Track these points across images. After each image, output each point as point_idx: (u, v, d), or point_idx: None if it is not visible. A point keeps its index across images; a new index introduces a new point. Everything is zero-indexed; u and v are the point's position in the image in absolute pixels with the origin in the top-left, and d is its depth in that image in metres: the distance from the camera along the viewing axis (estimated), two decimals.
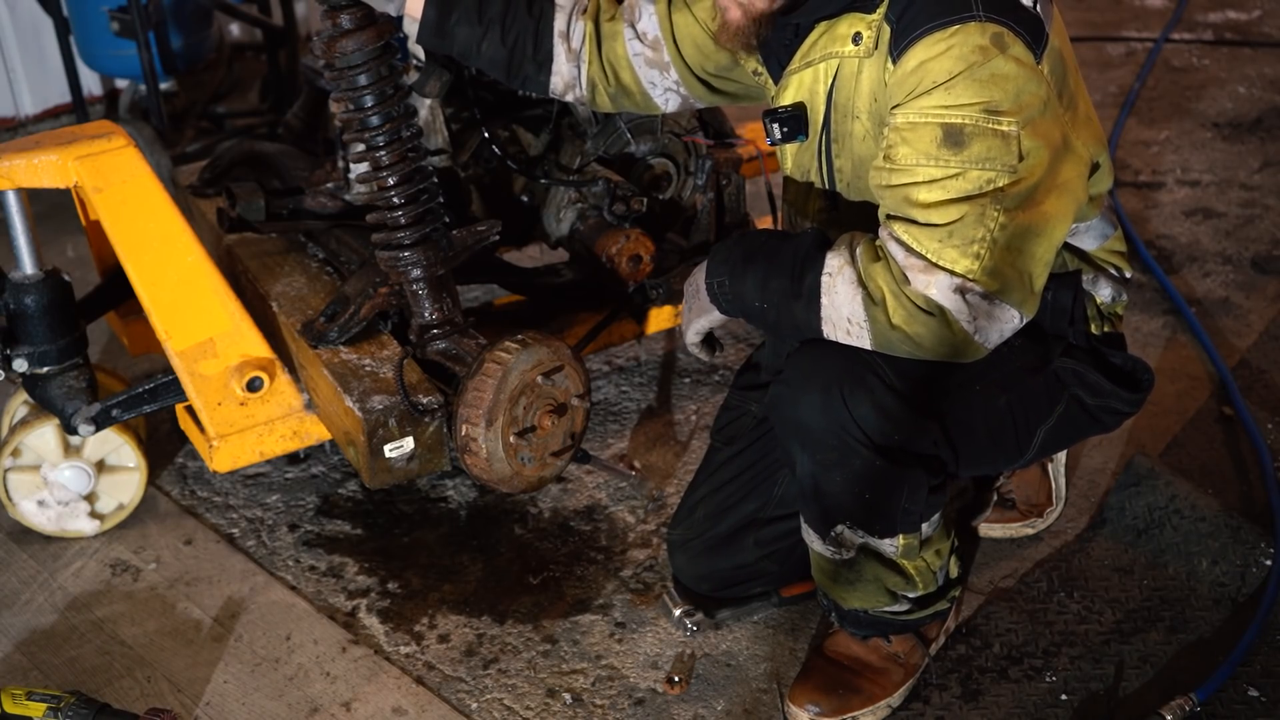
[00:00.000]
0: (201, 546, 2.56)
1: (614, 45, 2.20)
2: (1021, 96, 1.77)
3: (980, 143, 1.76)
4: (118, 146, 2.25)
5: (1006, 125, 1.76)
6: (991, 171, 1.77)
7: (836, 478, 1.95)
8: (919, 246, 1.79)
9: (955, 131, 1.76)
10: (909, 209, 1.80)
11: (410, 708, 2.19)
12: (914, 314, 1.80)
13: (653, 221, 2.80)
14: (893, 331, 1.83)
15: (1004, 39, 1.77)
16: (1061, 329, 2.07)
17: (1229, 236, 3.56)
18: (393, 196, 2.31)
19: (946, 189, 1.77)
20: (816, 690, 2.12)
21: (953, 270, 1.78)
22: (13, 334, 2.37)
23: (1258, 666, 2.17)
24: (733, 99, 2.25)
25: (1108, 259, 2.11)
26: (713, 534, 2.28)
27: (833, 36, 1.91)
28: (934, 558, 2.07)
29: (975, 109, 1.76)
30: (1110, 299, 2.12)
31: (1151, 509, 2.50)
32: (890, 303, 1.81)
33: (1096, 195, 2.03)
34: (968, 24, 1.76)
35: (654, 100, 2.25)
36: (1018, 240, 1.80)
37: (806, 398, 1.92)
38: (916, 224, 1.80)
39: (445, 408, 2.29)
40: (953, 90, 1.76)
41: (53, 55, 4.09)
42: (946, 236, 1.78)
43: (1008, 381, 2.02)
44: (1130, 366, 2.13)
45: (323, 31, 2.25)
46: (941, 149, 1.77)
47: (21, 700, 2.01)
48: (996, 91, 1.76)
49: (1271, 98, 4.43)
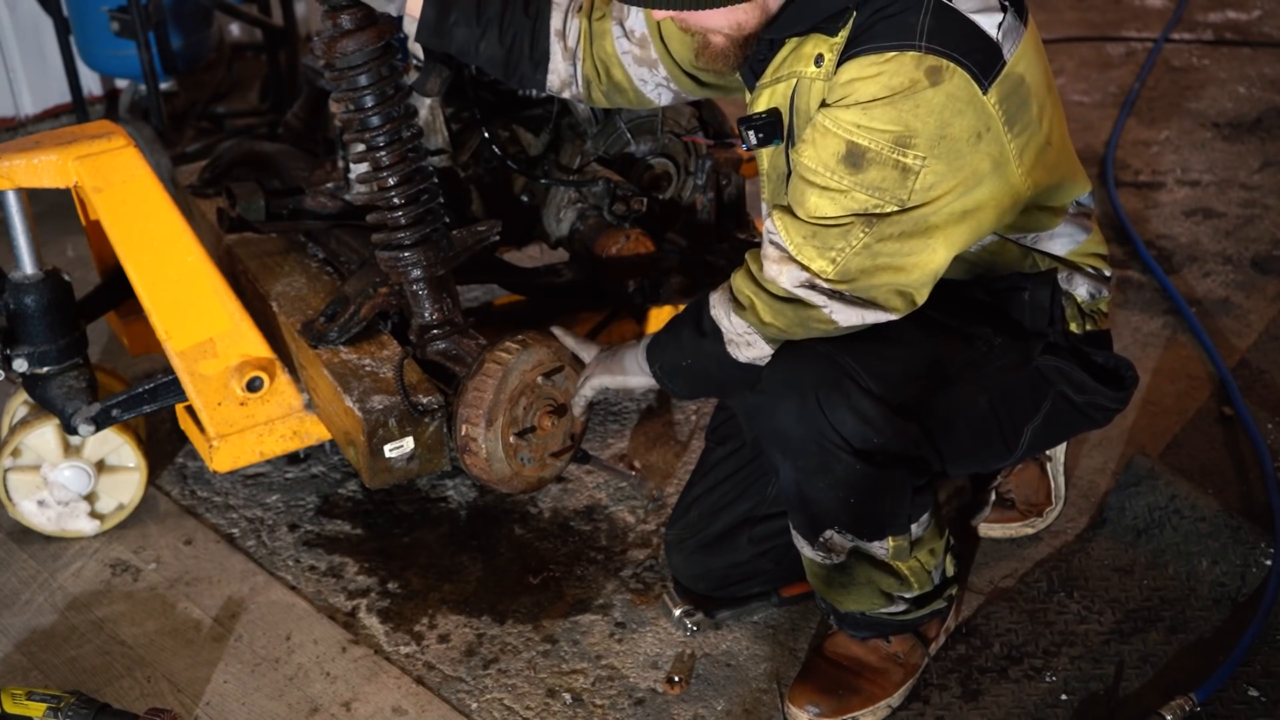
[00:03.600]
0: (201, 546, 2.56)
1: (603, 43, 2.21)
2: (945, 129, 1.77)
3: (876, 170, 1.78)
4: (118, 146, 2.25)
5: (912, 158, 1.77)
6: (878, 200, 1.80)
7: (819, 484, 1.95)
8: (785, 236, 1.85)
9: (858, 153, 1.79)
10: (796, 204, 1.86)
11: (410, 708, 2.19)
12: (776, 305, 1.89)
13: (653, 221, 2.80)
14: (767, 328, 1.91)
15: (940, 72, 1.76)
16: (1041, 327, 2.07)
17: (1229, 236, 3.56)
18: (393, 197, 2.31)
19: (835, 202, 1.82)
20: (816, 691, 2.12)
21: (806, 266, 1.84)
22: (13, 334, 2.37)
23: (1258, 666, 2.17)
24: (724, 91, 2.26)
25: (1084, 261, 2.11)
26: (707, 533, 2.28)
27: (798, 55, 1.93)
28: (928, 557, 2.07)
29: (885, 136, 1.77)
30: (1089, 296, 2.11)
31: (1151, 509, 2.50)
32: (757, 304, 1.90)
33: (1059, 206, 2.03)
34: (904, 53, 1.77)
35: (646, 96, 2.26)
36: (885, 258, 1.83)
37: (784, 406, 1.93)
38: (793, 216, 1.86)
39: (445, 408, 2.29)
40: (869, 112, 1.78)
41: (53, 55, 4.09)
42: (811, 235, 1.83)
43: (988, 381, 2.03)
44: (1113, 365, 2.13)
45: (323, 32, 2.25)
46: (840, 164, 1.80)
47: (21, 700, 2.01)
48: (915, 123, 1.77)
49: (1271, 98, 4.43)
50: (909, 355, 1.97)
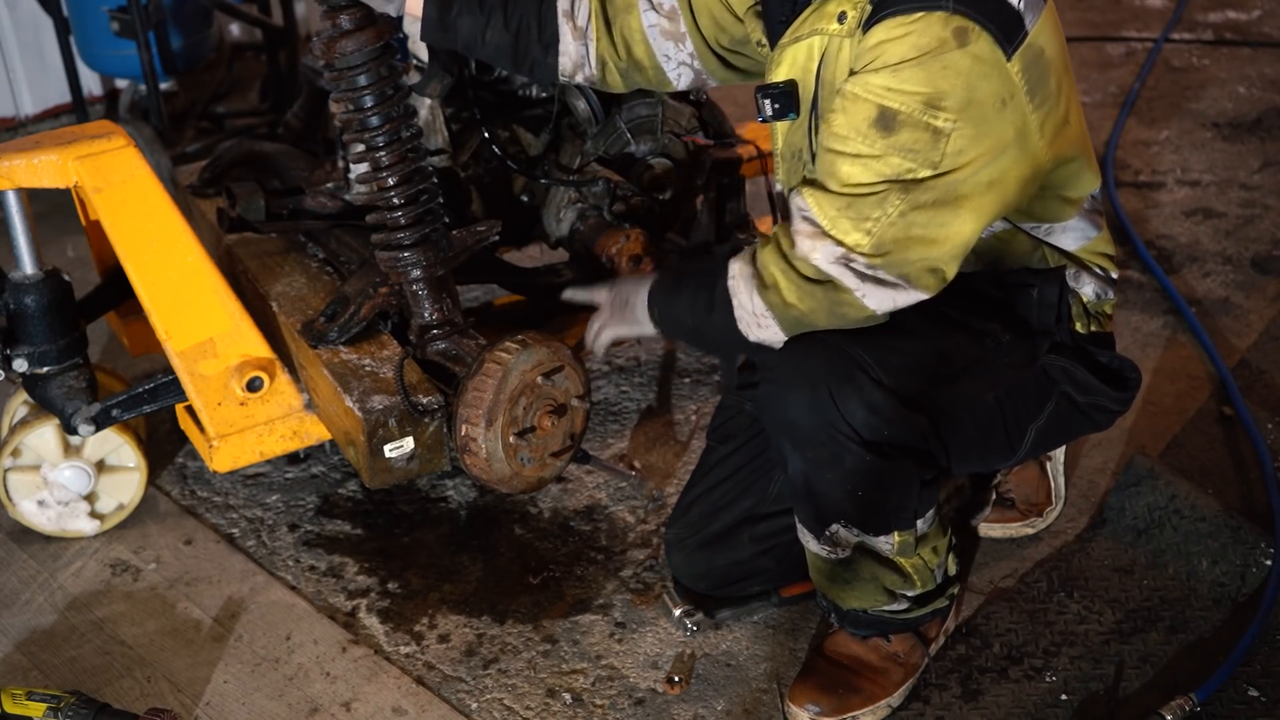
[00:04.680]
0: (201, 546, 2.56)
1: (628, 19, 2.20)
2: (973, 92, 1.78)
3: (908, 132, 1.78)
4: (118, 146, 2.25)
5: (942, 120, 1.77)
6: (911, 163, 1.79)
7: (828, 476, 1.95)
8: (818, 211, 1.83)
9: (889, 116, 1.78)
10: (827, 177, 1.84)
11: (410, 708, 2.19)
12: (805, 287, 1.85)
13: (653, 221, 2.80)
14: (789, 310, 1.88)
15: (968, 33, 1.77)
16: (1048, 325, 2.07)
17: (1229, 236, 3.56)
18: (393, 197, 2.31)
19: (867, 168, 1.80)
20: (816, 690, 2.12)
21: (841, 240, 1.82)
22: (13, 334, 2.37)
23: (1258, 666, 2.17)
24: (746, 76, 2.25)
25: (1092, 259, 2.11)
26: (708, 531, 2.28)
27: (821, 14, 1.92)
28: (931, 555, 2.07)
29: (916, 98, 1.77)
30: (1095, 297, 2.11)
31: (1151, 509, 2.50)
32: (782, 282, 1.86)
33: (1074, 198, 2.03)
34: (932, 13, 1.77)
35: (667, 75, 2.24)
36: (919, 228, 1.81)
37: (795, 396, 1.92)
38: (825, 190, 1.84)
39: (445, 408, 2.29)
40: (899, 74, 1.78)
41: (53, 55, 4.09)
42: (845, 206, 1.81)
43: (995, 377, 2.03)
44: (1117, 365, 2.13)
45: (322, 32, 2.25)
46: (872, 128, 1.79)
47: (21, 700, 2.01)
48: (944, 84, 1.77)
49: (1271, 98, 4.43)
50: (919, 348, 1.96)
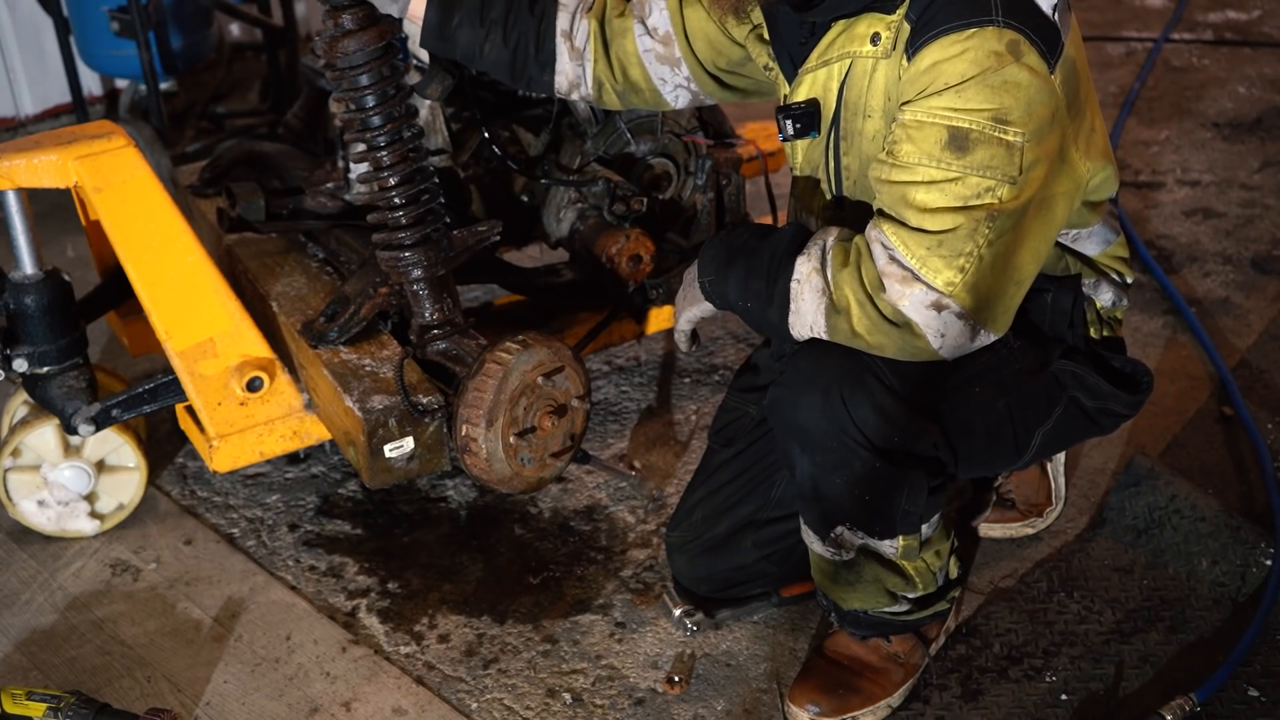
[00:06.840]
0: (201, 546, 2.56)
1: (623, 42, 2.19)
2: (1032, 107, 1.76)
3: (984, 149, 1.75)
4: (118, 146, 2.25)
5: (1013, 135, 1.75)
6: (991, 180, 1.76)
7: (836, 480, 1.95)
8: (905, 252, 1.78)
9: (961, 136, 1.75)
10: (903, 209, 1.79)
11: (410, 708, 2.19)
12: (878, 324, 1.81)
13: (653, 221, 2.80)
14: (855, 339, 1.84)
15: (1020, 46, 1.75)
16: (1061, 332, 2.07)
17: (1229, 236, 3.56)
18: (393, 197, 2.31)
19: (945, 192, 1.76)
20: (816, 690, 2.12)
21: (932, 284, 1.77)
22: (13, 334, 2.37)
23: (1258, 666, 2.17)
24: (744, 95, 2.24)
25: (1110, 264, 2.11)
26: (711, 535, 2.28)
27: (851, 36, 1.90)
28: (934, 558, 2.07)
29: (984, 115, 1.75)
30: (1111, 303, 2.12)
31: (1151, 509, 2.50)
32: (855, 311, 1.82)
33: (1099, 202, 2.02)
34: (985, 28, 1.75)
35: (664, 97, 2.24)
36: (1002, 259, 1.80)
37: (806, 400, 1.92)
38: (907, 227, 1.79)
39: (445, 408, 2.29)
40: (964, 94, 1.75)
41: (53, 55, 4.10)
42: (936, 245, 1.77)
43: (1007, 384, 2.02)
44: (1130, 369, 2.14)
45: (324, 32, 2.25)
46: (945, 151, 1.76)
47: (21, 700, 2.01)
48: (1008, 99, 1.75)
49: (1271, 98, 4.43)
50: None
